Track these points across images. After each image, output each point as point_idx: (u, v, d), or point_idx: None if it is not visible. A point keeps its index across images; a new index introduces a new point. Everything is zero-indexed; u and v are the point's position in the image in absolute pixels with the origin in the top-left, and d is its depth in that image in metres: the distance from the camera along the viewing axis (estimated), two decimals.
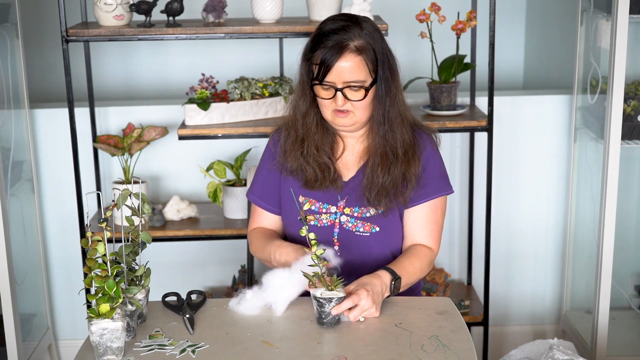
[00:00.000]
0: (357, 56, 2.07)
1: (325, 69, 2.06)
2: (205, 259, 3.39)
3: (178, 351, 1.81)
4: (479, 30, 3.18)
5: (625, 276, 3.30)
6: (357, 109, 2.11)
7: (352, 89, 2.08)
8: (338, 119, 2.12)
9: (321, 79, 2.08)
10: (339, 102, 2.08)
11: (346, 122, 2.13)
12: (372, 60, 2.09)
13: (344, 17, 2.12)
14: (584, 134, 3.19)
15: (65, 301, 3.39)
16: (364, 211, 2.18)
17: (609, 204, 2.88)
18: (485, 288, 3.10)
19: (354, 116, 2.12)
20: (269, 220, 2.31)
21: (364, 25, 2.09)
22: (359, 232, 2.19)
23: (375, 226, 2.18)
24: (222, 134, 2.88)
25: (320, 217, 2.20)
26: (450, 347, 1.82)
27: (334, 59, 2.06)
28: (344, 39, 2.06)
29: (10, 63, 3.00)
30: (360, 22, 2.10)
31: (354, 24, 2.09)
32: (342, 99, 2.08)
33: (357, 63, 2.07)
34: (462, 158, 3.35)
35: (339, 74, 2.06)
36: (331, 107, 2.11)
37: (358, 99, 2.09)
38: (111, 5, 2.83)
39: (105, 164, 3.26)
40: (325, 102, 2.11)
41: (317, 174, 2.17)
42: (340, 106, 2.09)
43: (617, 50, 2.76)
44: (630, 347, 3.13)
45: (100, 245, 1.77)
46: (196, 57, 3.97)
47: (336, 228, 2.19)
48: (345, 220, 2.19)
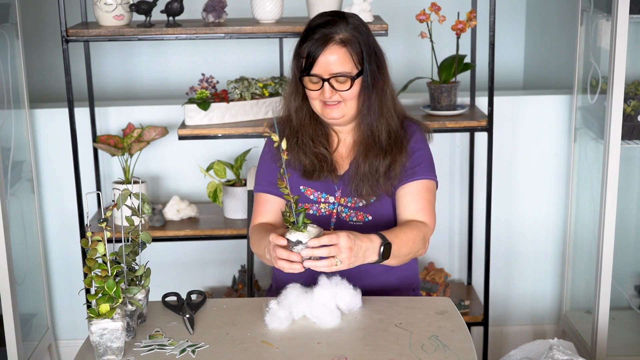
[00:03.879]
0: (342, 48, 2.14)
1: (312, 61, 2.14)
2: (205, 259, 3.39)
3: (178, 351, 1.81)
4: (479, 30, 3.18)
5: (625, 276, 3.30)
6: (345, 100, 2.17)
7: (338, 80, 2.15)
8: (327, 110, 2.19)
9: (308, 71, 2.15)
10: (327, 93, 2.16)
11: (335, 114, 2.19)
12: (358, 52, 2.16)
13: (331, 13, 2.22)
14: (584, 134, 3.19)
15: (65, 301, 3.39)
16: (357, 201, 2.23)
17: (609, 204, 2.88)
18: (485, 288, 3.10)
19: (343, 107, 2.18)
20: (274, 212, 2.28)
21: (350, 20, 2.18)
22: (352, 222, 2.24)
23: (368, 215, 2.24)
24: (222, 134, 2.88)
25: (319, 206, 2.25)
26: (450, 347, 1.82)
27: (319, 51, 2.13)
28: (329, 32, 2.15)
29: (10, 63, 3.00)
30: (346, 17, 2.19)
31: (340, 18, 2.18)
32: (329, 90, 2.15)
33: (342, 55, 2.14)
34: (462, 158, 3.35)
35: (324, 65, 2.14)
36: (319, 99, 2.18)
37: (344, 89, 2.16)
38: (111, 5, 2.83)
39: (105, 164, 3.26)
40: (314, 94, 2.18)
41: (314, 164, 2.23)
42: (328, 98, 2.16)
43: (617, 50, 2.76)
44: (630, 347, 3.13)
45: (100, 245, 1.77)
46: (196, 57, 3.97)
47: (333, 218, 2.25)
48: (340, 210, 2.25)
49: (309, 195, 2.26)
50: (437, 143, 3.30)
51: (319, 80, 2.15)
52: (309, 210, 2.24)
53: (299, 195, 1.84)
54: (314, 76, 2.15)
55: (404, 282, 2.33)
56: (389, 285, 2.28)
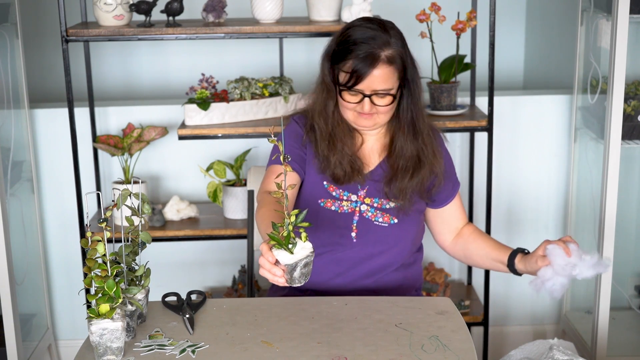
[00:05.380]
0: (389, 67, 2.13)
1: (357, 78, 2.12)
2: (205, 259, 3.39)
3: (178, 351, 1.81)
4: (479, 30, 3.18)
5: (625, 276, 3.30)
6: (380, 113, 2.17)
7: (379, 96, 2.14)
8: (360, 120, 2.19)
9: (351, 87, 2.13)
10: (366, 107, 2.15)
11: (368, 123, 2.20)
12: (401, 69, 2.15)
13: (372, 25, 2.16)
14: (584, 134, 3.19)
15: (65, 301, 3.39)
16: (384, 203, 2.24)
17: (609, 204, 2.88)
18: (485, 288, 3.10)
19: (376, 118, 2.18)
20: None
21: (391, 33, 2.15)
22: (377, 222, 2.24)
23: (394, 218, 2.25)
24: (222, 134, 2.88)
25: (341, 203, 2.24)
26: (450, 347, 1.82)
27: (367, 70, 2.11)
28: (375, 50, 2.11)
29: (10, 63, 3.00)
30: (387, 30, 2.15)
31: (383, 31, 2.14)
32: (368, 104, 2.15)
33: (387, 73, 2.13)
34: (462, 158, 3.35)
35: (369, 83, 2.12)
36: (355, 110, 2.17)
37: (384, 104, 2.16)
38: (111, 5, 2.83)
39: (105, 164, 3.26)
40: (350, 105, 2.17)
41: (345, 169, 2.21)
42: (367, 111, 2.15)
43: (617, 50, 2.76)
44: (630, 347, 3.13)
45: (100, 245, 1.77)
46: (196, 57, 3.97)
47: (356, 216, 2.25)
48: (365, 209, 2.25)
49: (332, 192, 2.25)
50: None
51: (359, 94, 2.14)
52: (331, 207, 2.23)
53: (299, 210, 1.77)
54: (357, 91, 2.14)
55: (409, 280, 2.34)
56: (394, 282, 2.30)
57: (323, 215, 2.23)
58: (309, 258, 1.75)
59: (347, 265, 2.25)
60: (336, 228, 2.24)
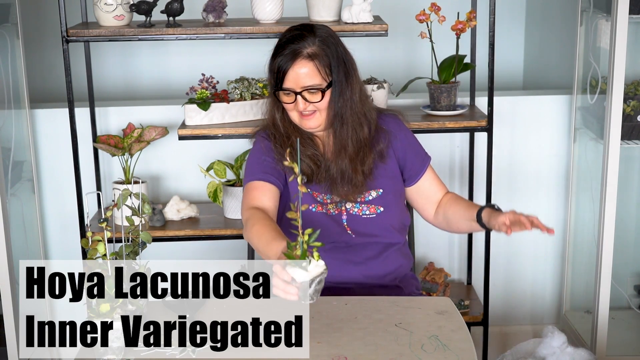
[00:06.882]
0: (310, 62, 2.23)
1: (282, 75, 2.24)
2: (205, 259, 3.39)
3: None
4: (479, 30, 3.18)
5: (625, 276, 3.31)
6: (319, 110, 2.27)
7: (310, 92, 2.24)
8: (304, 121, 2.29)
9: (280, 86, 2.25)
10: (300, 105, 2.25)
11: (312, 123, 2.29)
12: (326, 64, 2.25)
13: (300, 27, 2.29)
14: (583, 134, 3.19)
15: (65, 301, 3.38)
16: (366, 195, 2.33)
17: (609, 204, 2.89)
18: (485, 288, 3.10)
19: (319, 116, 2.28)
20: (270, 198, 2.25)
21: (318, 33, 2.26)
22: (365, 215, 2.33)
23: (379, 207, 2.34)
24: (222, 134, 2.88)
25: (327, 207, 2.32)
26: (450, 347, 1.82)
27: (288, 66, 2.23)
28: (297, 47, 2.23)
29: (10, 63, 3.00)
30: (315, 31, 2.27)
31: (309, 32, 2.26)
32: (302, 102, 2.25)
33: (311, 68, 2.23)
34: (462, 158, 3.36)
35: (295, 79, 2.23)
36: (295, 111, 2.28)
37: (316, 101, 2.25)
38: (111, 5, 2.83)
39: (105, 164, 3.26)
40: (289, 106, 2.28)
41: (311, 167, 2.31)
42: (303, 109, 2.26)
43: (616, 50, 2.76)
44: (630, 347, 3.13)
45: (100, 245, 1.77)
46: (196, 57, 3.98)
47: (344, 215, 2.33)
48: (350, 206, 2.33)
49: (316, 197, 2.32)
50: (437, 143, 3.30)
51: (292, 93, 2.25)
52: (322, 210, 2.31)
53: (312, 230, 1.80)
54: (287, 90, 2.24)
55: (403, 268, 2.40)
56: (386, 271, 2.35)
57: (317, 220, 2.30)
58: (323, 275, 1.78)
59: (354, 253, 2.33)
60: (333, 228, 2.32)
